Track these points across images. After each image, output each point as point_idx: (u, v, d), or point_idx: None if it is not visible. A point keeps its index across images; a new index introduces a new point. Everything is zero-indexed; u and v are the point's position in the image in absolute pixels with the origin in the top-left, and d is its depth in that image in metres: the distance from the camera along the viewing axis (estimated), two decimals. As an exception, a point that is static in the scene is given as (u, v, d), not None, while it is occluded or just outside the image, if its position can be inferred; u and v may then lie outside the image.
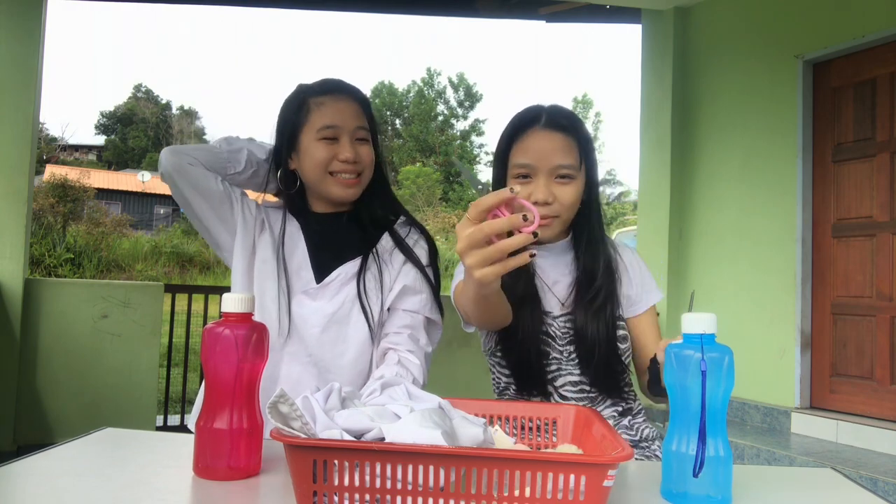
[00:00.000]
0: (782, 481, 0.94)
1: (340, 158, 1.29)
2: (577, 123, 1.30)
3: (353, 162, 1.29)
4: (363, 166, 1.32)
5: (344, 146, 1.29)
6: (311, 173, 1.31)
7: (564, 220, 1.29)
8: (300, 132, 1.31)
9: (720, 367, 0.77)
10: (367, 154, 1.33)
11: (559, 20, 5.14)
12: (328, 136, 1.29)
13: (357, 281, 1.30)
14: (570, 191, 1.26)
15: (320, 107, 1.31)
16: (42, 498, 0.75)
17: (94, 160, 33.65)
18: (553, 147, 1.25)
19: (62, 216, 14.81)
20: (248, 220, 1.34)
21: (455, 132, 33.65)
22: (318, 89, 1.34)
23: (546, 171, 1.25)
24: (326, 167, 1.29)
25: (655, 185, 4.56)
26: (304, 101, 1.32)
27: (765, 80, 4.02)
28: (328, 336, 1.28)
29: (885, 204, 3.49)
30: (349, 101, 1.33)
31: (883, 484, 2.79)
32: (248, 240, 1.33)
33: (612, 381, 1.28)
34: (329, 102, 1.31)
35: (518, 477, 0.67)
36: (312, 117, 1.30)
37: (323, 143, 1.29)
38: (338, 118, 1.30)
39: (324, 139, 1.29)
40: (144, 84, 48.01)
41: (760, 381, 3.85)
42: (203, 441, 0.84)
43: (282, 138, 1.34)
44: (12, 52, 3.53)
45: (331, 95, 1.32)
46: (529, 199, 1.26)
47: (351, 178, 1.30)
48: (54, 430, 3.47)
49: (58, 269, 12.58)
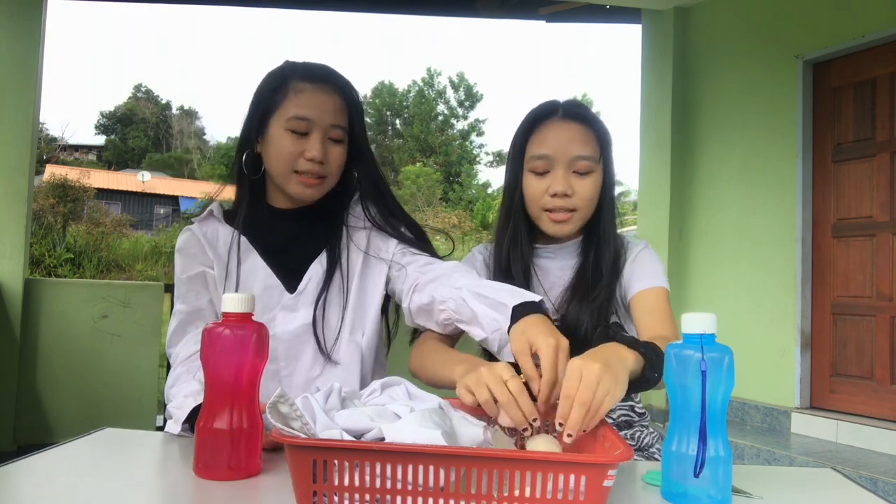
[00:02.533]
0: (782, 481, 0.94)
1: (307, 156, 1.17)
2: (596, 117, 1.30)
3: (318, 162, 1.17)
4: (329, 170, 1.20)
5: (313, 143, 1.17)
6: (274, 165, 1.19)
7: (583, 217, 1.26)
8: (271, 115, 1.19)
9: (720, 367, 0.77)
10: (337, 157, 1.21)
11: (559, 20, 5.14)
12: (298, 129, 1.17)
13: (322, 288, 1.22)
14: (589, 184, 1.24)
15: (298, 94, 1.18)
16: (42, 498, 0.75)
17: (94, 160, 33.64)
18: (571, 137, 1.24)
19: (62, 216, 14.80)
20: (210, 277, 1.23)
21: (455, 132, 33.64)
22: (302, 73, 1.21)
23: (565, 162, 1.23)
24: (292, 164, 1.18)
25: (655, 185, 4.56)
26: (284, 82, 1.20)
27: (765, 80, 4.02)
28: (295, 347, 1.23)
29: (885, 204, 3.49)
30: (332, 95, 1.20)
31: (883, 484, 2.79)
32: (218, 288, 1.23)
33: None
34: (309, 91, 1.18)
35: (518, 477, 0.67)
36: (287, 103, 1.18)
37: (291, 135, 1.17)
38: (313, 111, 1.17)
39: (292, 131, 1.17)
40: (144, 84, 48.07)
41: (760, 381, 3.85)
42: (203, 441, 0.84)
43: (252, 117, 1.22)
44: (12, 52, 3.53)
45: (313, 84, 1.19)
46: (548, 190, 1.24)
47: (312, 178, 1.19)
48: (54, 430, 3.47)
49: (58, 269, 12.58)
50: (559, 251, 1.32)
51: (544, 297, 1.28)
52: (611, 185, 1.30)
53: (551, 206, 1.25)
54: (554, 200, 1.24)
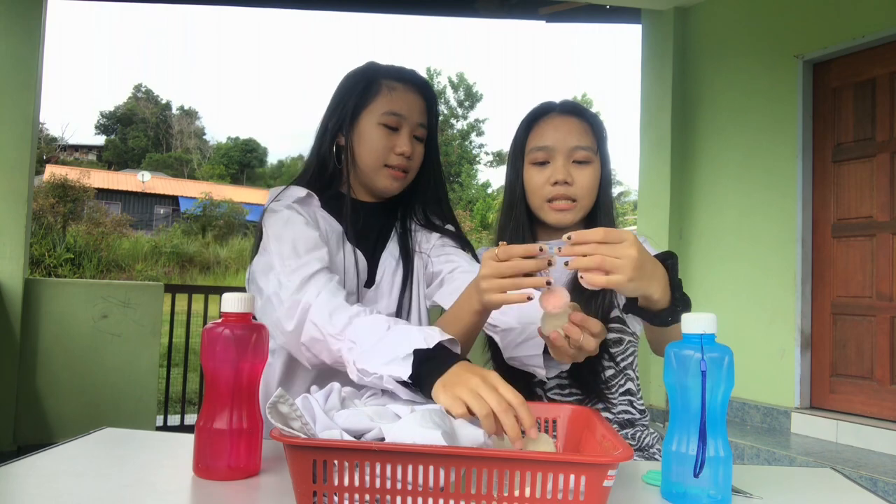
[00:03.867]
0: (782, 481, 0.94)
1: (397, 151, 1.23)
2: (592, 112, 1.35)
3: (407, 157, 1.24)
4: (413, 165, 1.27)
5: (403, 139, 1.23)
6: (366, 159, 1.24)
7: (583, 207, 1.29)
8: (363, 110, 1.24)
9: (720, 367, 0.77)
10: (420, 154, 1.28)
11: (559, 20, 5.14)
12: (390, 124, 1.23)
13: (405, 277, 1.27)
14: (588, 174, 1.28)
15: (392, 91, 1.25)
16: (42, 498, 0.75)
17: (94, 160, 33.65)
18: (569, 128, 1.29)
19: (62, 216, 14.81)
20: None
21: (455, 132, 33.63)
22: (394, 73, 1.28)
23: (564, 152, 1.27)
24: (384, 158, 1.23)
25: (655, 185, 4.56)
26: (376, 79, 1.26)
27: (765, 80, 4.02)
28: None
29: (885, 204, 3.49)
30: (419, 96, 1.27)
31: (883, 484, 2.79)
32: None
33: (593, 379, 1.27)
34: (401, 89, 1.25)
35: (518, 477, 0.67)
36: (380, 99, 1.24)
37: (383, 129, 1.23)
38: (405, 108, 1.24)
39: (385, 126, 1.23)
40: (144, 84, 48.12)
41: (760, 381, 3.85)
42: (203, 441, 0.84)
43: (341, 111, 1.26)
44: (12, 52, 3.53)
45: (405, 83, 1.27)
46: (549, 180, 1.28)
47: (399, 172, 1.25)
48: (54, 430, 3.47)
49: (58, 269, 12.58)
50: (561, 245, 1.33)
51: None
52: (608, 180, 1.34)
53: (552, 196, 1.28)
54: (555, 189, 1.27)
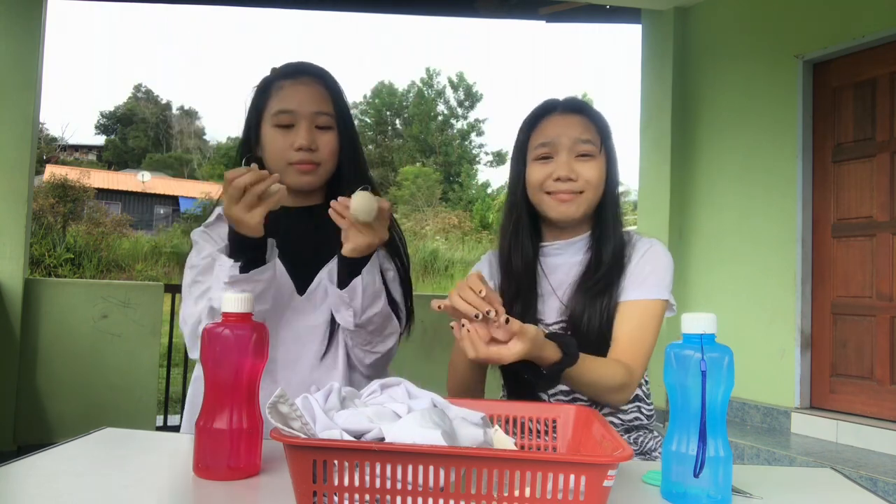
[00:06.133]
0: (782, 481, 0.94)
1: (295, 146, 1.20)
2: (595, 109, 1.33)
3: (308, 149, 1.20)
4: (322, 156, 1.23)
5: (299, 133, 1.20)
6: (270, 163, 1.23)
7: (588, 200, 1.26)
8: (262, 118, 1.24)
9: (720, 367, 0.77)
10: (328, 143, 1.23)
11: (559, 20, 5.14)
12: (283, 123, 1.21)
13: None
14: (593, 167, 1.25)
15: (280, 90, 1.23)
16: (42, 498, 0.75)
17: (94, 160, 33.61)
18: (572, 125, 1.27)
19: (62, 216, 14.80)
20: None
21: (455, 132, 33.62)
22: (282, 72, 1.26)
23: (567, 147, 1.25)
24: (285, 157, 1.21)
25: (655, 185, 4.56)
26: (267, 85, 1.25)
27: (765, 80, 4.02)
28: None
29: (885, 204, 3.49)
30: (311, 85, 1.24)
31: (883, 484, 2.79)
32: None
33: None
34: (288, 86, 1.23)
35: (518, 477, 0.67)
36: (271, 102, 1.23)
37: (278, 130, 1.21)
38: (295, 102, 1.21)
39: (279, 126, 1.21)
40: (144, 84, 48.06)
41: (760, 381, 3.85)
42: (203, 441, 0.84)
43: (247, 127, 1.27)
44: (12, 52, 3.54)
45: (290, 79, 1.24)
46: (551, 175, 1.25)
47: (306, 165, 1.21)
48: (54, 430, 3.47)
49: (58, 269, 12.57)
50: (567, 248, 1.31)
51: (552, 294, 1.28)
52: (614, 176, 1.30)
53: (554, 189, 1.25)
54: (557, 184, 1.25)
